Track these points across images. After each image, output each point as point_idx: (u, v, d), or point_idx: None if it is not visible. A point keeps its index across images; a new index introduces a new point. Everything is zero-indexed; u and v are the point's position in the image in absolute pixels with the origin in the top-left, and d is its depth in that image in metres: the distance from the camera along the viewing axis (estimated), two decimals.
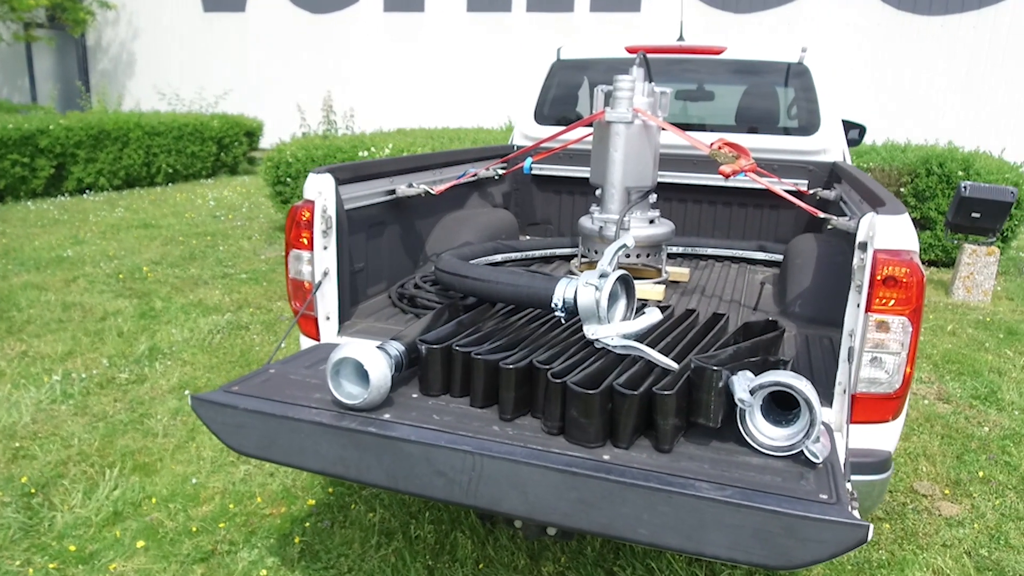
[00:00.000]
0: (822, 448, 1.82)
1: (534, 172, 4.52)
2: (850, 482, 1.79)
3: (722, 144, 3.08)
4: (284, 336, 2.59)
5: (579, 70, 4.63)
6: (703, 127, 4.61)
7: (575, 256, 3.98)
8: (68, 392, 4.20)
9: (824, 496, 1.68)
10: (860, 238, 2.15)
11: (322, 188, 2.66)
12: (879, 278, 2.05)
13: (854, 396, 2.12)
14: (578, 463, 1.79)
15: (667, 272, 3.60)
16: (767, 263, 4.06)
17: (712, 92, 4.64)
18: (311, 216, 2.65)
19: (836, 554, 1.60)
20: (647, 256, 3.49)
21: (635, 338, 2.15)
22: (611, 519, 1.74)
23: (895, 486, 3.53)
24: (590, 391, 1.85)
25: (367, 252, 3.14)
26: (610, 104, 3.26)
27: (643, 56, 3.37)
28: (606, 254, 2.36)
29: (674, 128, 3.23)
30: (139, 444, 3.67)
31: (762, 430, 1.91)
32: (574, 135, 3.93)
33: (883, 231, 2.06)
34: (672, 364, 1.96)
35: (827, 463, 1.82)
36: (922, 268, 2.06)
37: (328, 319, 2.76)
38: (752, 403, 1.85)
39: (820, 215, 2.93)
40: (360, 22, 14.05)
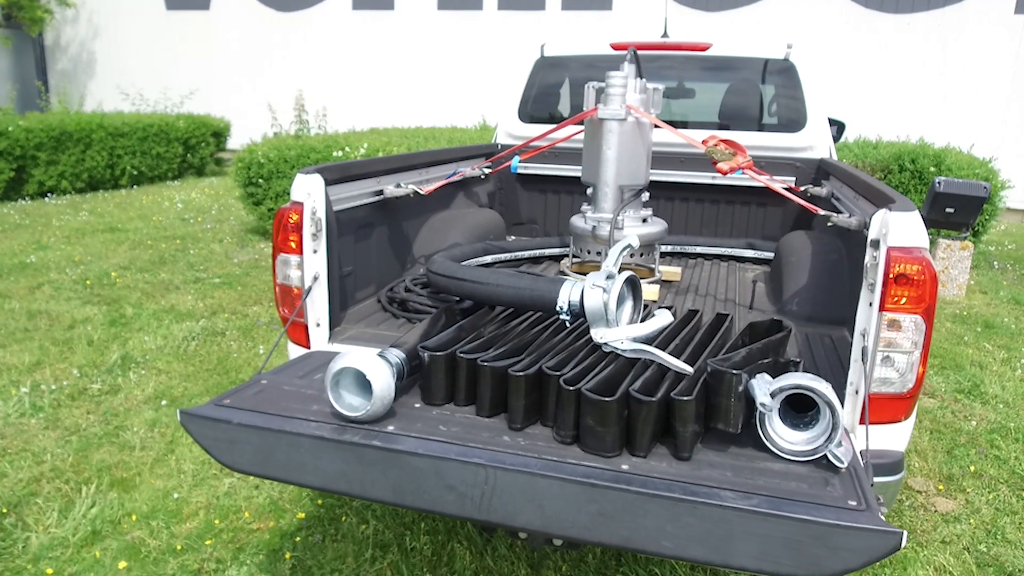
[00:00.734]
0: (845, 452, 1.77)
1: (520, 171, 4.44)
2: (872, 486, 1.75)
3: (718, 141, 3.03)
4: (275, 345, 2.48)
5: (563, 67, 4.56)
6: (685, 124, 4.57)
7: (564, 256, 3.92)
8: (38, 405, 4.02)
9: (853, 502, 1.63)
10: (872, 235, 2.10)
11: (311, 189, 2.55)
12: (892, 276, 2.01)
13: (870, 396, 2.08)
14: (597, 474, 1.71)
15: (660, 272, 3.54)
16: (756, 261, 4.04)
17: (697, 89, 4.61)
18: (300, 218, 2.54)
19: (869, 563, 1.55)
20: (640, 255, 3.43)
21: (645, 341, 2.08)
22: (633, 532, 1.67)
23: None
24: (607, 398, 1.77)
25: (355, 255, 3.03)
26: (602, 101, 3.19)
27: (634, 52, 3.31)
28: (610, 255, 2.29)
29: (666, 125, 3.18)
30: (115, 458, 3.51)
31: (781, 434, 1.85)
32: (562, 133, 3.86)
33: (896, 228, 2.02)
34: (687, 368, 1.90)
35: (851, 467, 1.77)
36: (934, 265, 2.02)
37: (319, 326, 2.65)
38: (773, 407, 1.80)
39: (820, 212, 2.89)
40: (329, 20, 13.82)
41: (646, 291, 3.25)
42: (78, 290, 6.10)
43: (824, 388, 1.78)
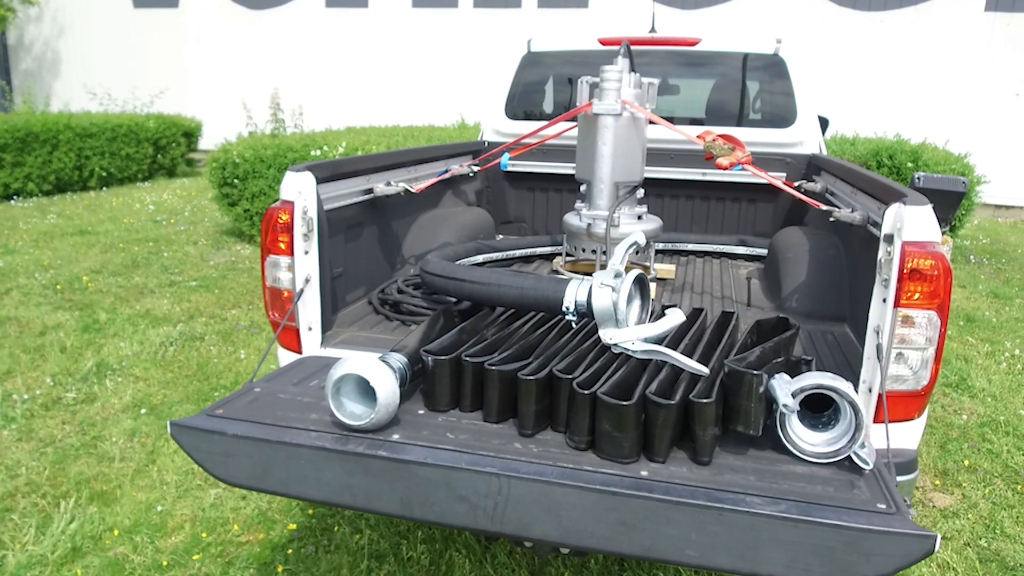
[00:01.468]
0: (869, 453, 1.72)
1: (509, 168, 4.36)
2: (896, 486, 1.70)
3: (716, 136, 2.98)
4: (266, 352, 2.37)
5: (549, 63, 4.49)
6: (671, 120, 4.52)
7: (557, 255, 3.84)
8: (9, 415, 3.85)
9: (882, 505, 1.57)
10: (885, 230, 2.06)
11: (302, 188, 2.45)
12: (906, 271, 1.97)
13: (882, 395, 2.04)
14: (616, 481, 1.64)
15: (655, 269, 3.49)
16: (749, 258, 4.00)
17: (684, 85, 4.56)
18: (290, 218, 2.44)
19: (902, 567, 1.50)
20: (635, 253, 3.37)
21: (656, 341, 2.01)
22: (655, 541, 1.60)
23: None
24: (624, 402, 1.70)
25: (345, 256, 2.93)
26: (597, 96, 3.12)
27: (627, 46, 3.25)
28: (616, 252, 2.23)
29: (662, 121, 3.12)
30: (94, 470, 3.37)
31: (802, 436, 1.80)
32: (554, 130, 3.78)
33: (911, 223, 1.98)
34: (703, 369, 1.83)
35: (876, 469, 1.72)
36: (948, 260, 1.98)
37: (310, 330, 2.54)
38: (795, 408, 1.74)
39: (822, 207, 2.85)
40: (302, 18, 13.60)
41: None
42: (48, 295, 5.89)
43: (846, 388, 1.73)
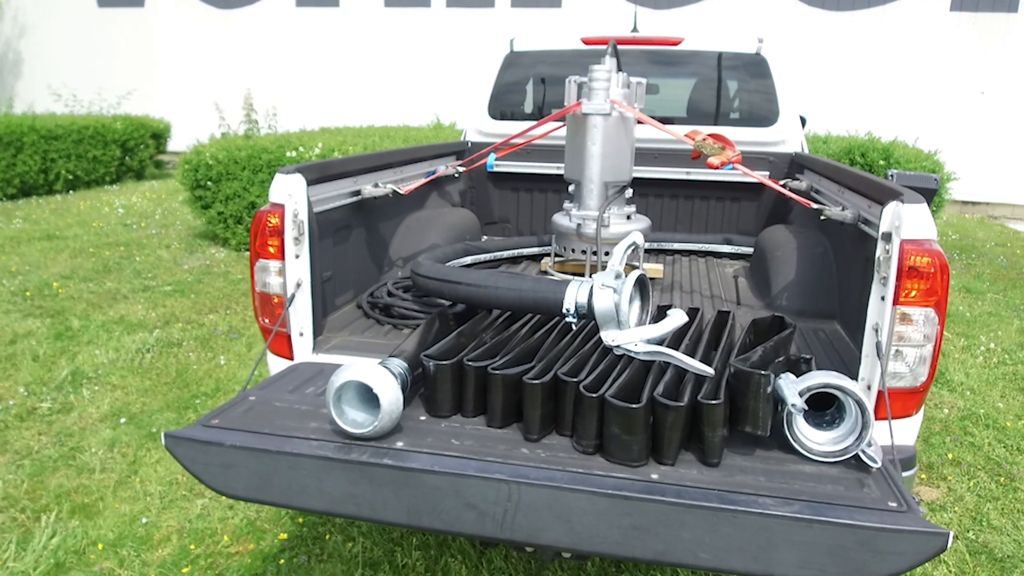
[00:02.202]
0: (876, 451, 1.73)
1: (494, 169, 4.32)
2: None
3: (706, 136, 2.98)
4: (259, 359, 2.32)
5: (532, 63, 4.47)
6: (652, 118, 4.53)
7: (544, 256, 3.82)
8: None
9: (893, 504, 1.58)
10: (883, 229, 2.07)
11: (292, 190, 2.39)
12: (905, 269, 1.98)
13: (882, 392, 2.05)
14: (628, 485, 1.62)
15: (644, 269, 3.48)
16: (734, 256, 4.02)
17: (669, 84, 4.57)
18: (280, 222, 2.39)
19: (915, 565, 1.50)
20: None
21: (659, 342, 2.00)
22: (668, 545, 1.58)
23: None
24: (634, 405, 1.69)
25: (333, 259, 2.88)
26: (586, 95, 3.11)
27: (614, 46, 3.24)
28: (615, 253, 2.21)
29: (651, 120, 3.11)
30: (74, 482, 3.28)
31: (808, 435, 1.80)
32: (541, 129, 3.76)
33: (909, 221, 1.99)
34: (708, 370, 1.82)
35: (883, 467, 1.73)
36: (945, 257, 2.00)
37: (302, 335, 2.49)
38: (803, 408, 1.74)
39: (813, 206, 2.87)
40: (272, 18, 13.43)
41: None
42: (17, 302, 5.73)
43: (853, 386, 1.73)
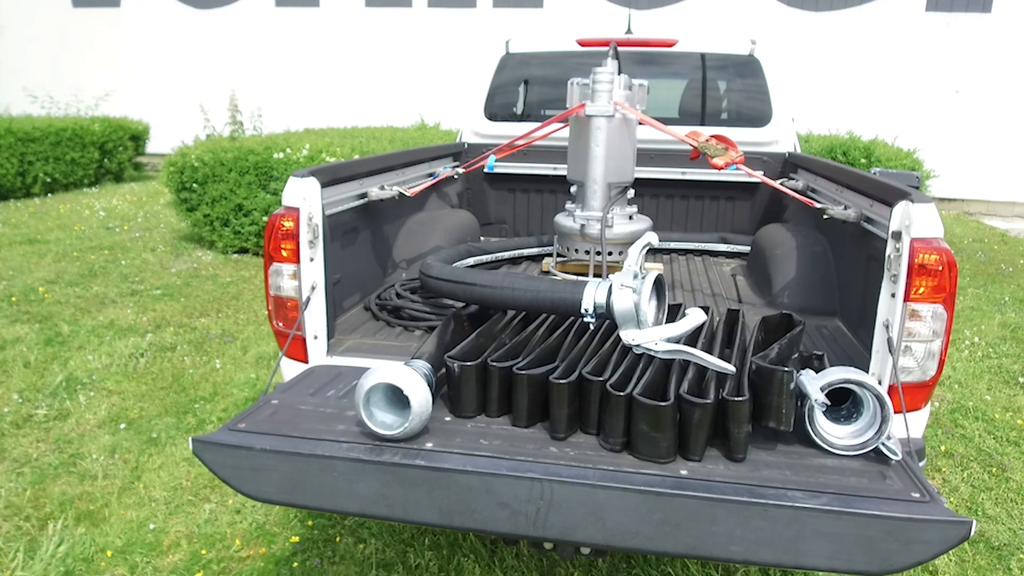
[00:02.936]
0: (896, 444, 1.78)
1: (494, 170, 4.35)
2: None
3: (709, 136, 3.03)
4: (277, 364, 2.32)
5: (528, 64, 4.49)
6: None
7: (545, 256, 3.85)
8: None
9: (916, 494, 1.63)
10: (893, 227, 2.13)
11: (307, 193, 2.40)
12: (915, 267, 2.04)
13: (893, 386, 2.10)
14: (659, 481, 1.66)
15: (646, 268, 3.53)
16: (730, 255, 4.08)
17: (662, 85, 4.62)
18: (295, 225, 2.39)
19: (940, 553, 1.55)
20: (623, 253, 3.40)
21: (676, 341, 2.04)
22: (700, 539, 1.62)
23: None
24: (662, 403, 1.72)
25: (342, 262, 2.89)
26: (590, 97, 3.14)
27: (615, 48, 3.28)
28: (631, 254, 2.25)
29: (654, 122, 3.16)
30: (77, 490, 3.25)
31: (828, 430, 1.85)
32: (541, 131, 3.79)
33: (919, 220, 2.05)
34: (729, 367, 1.86)
35: (903, 459, 1.78)
36: (952, 254, 2.06)
37: (316, 338, 2.50)
38: (826, 403, 1.79)
39: (816, 205, 2.93)
40: (251, 18, 13.31)
41: None
42: (3, 308, 5.64)
43: (873, 381, 1.78)
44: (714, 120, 4.31)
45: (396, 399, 1.86)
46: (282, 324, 2.48)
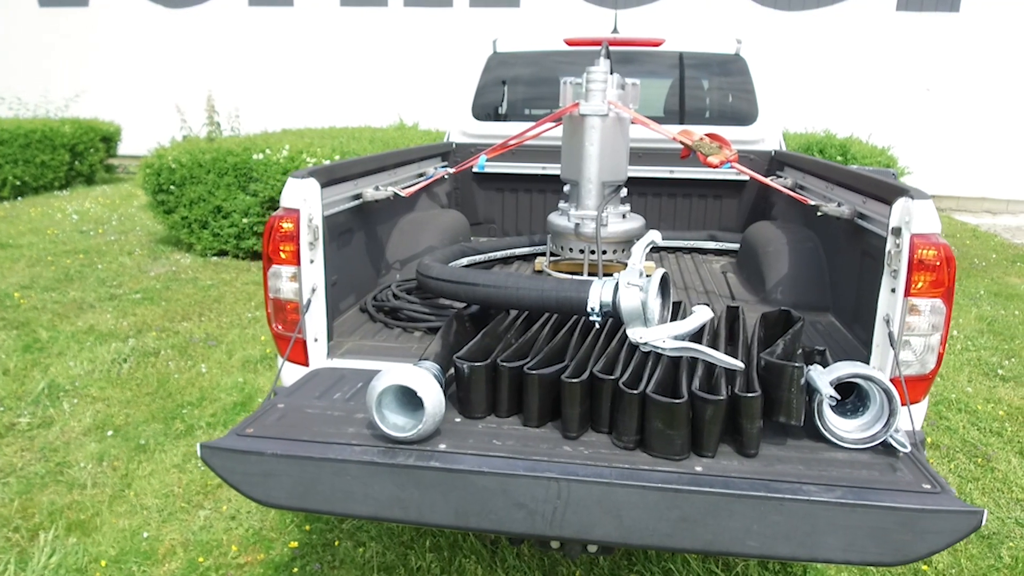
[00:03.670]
0: (903, 436, 1.81)
1: (484, 169, 4.33)
2: None
3: (703, 135, 3.05)
4: (280, 368, 2.29)
5: (515, 63, 4.49)
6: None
7: (538, 255, 3.85)
8: None
9: (927, 486, 1.65)
10: (893, 224, 2.16)
11: (307, 195, 2.38)
12: (915, 262, 2.07)
13: (895, 380, 2.14)
14: (675, 478, 1.67)
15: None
16: (719, 252, 4.11)
17: (647, 84, 4.64)
18: (294, 227, 2.36)
19: (952, 543, 1.58)
20: (621, 252, 3.42)
21: (682, 338, 2.05)
22: (717, 535, 1.63)
23: None
24: (676, 400, 1.73)
25: (338, 263, 2.86)
26: (584, 97, 3.15)
27: (607, 47, 3.29)
28: (634, 252, 2.26)
29: (647, 121, 3.17)
30: (66, 499, 3.18)
31: (836, 424, 1.87)
32: (533, 130, 3.79)
33: (919, 216, 2.08)
34: (738, 364, 1.88)
35: (912, 451, 1.81)
36: (951, 249, 2.10)
37: (316, 341, 2.47)
38: (836, 397, 1.81)
39: (810, 203, 2.96)
40: (223, 17, 13.13)
41: None
42: None
43: (880, 376, 1.81)
44: (699, 119, 4.35)
45: (407, 401, 1.85)
46: (282, 327, 2.45)
